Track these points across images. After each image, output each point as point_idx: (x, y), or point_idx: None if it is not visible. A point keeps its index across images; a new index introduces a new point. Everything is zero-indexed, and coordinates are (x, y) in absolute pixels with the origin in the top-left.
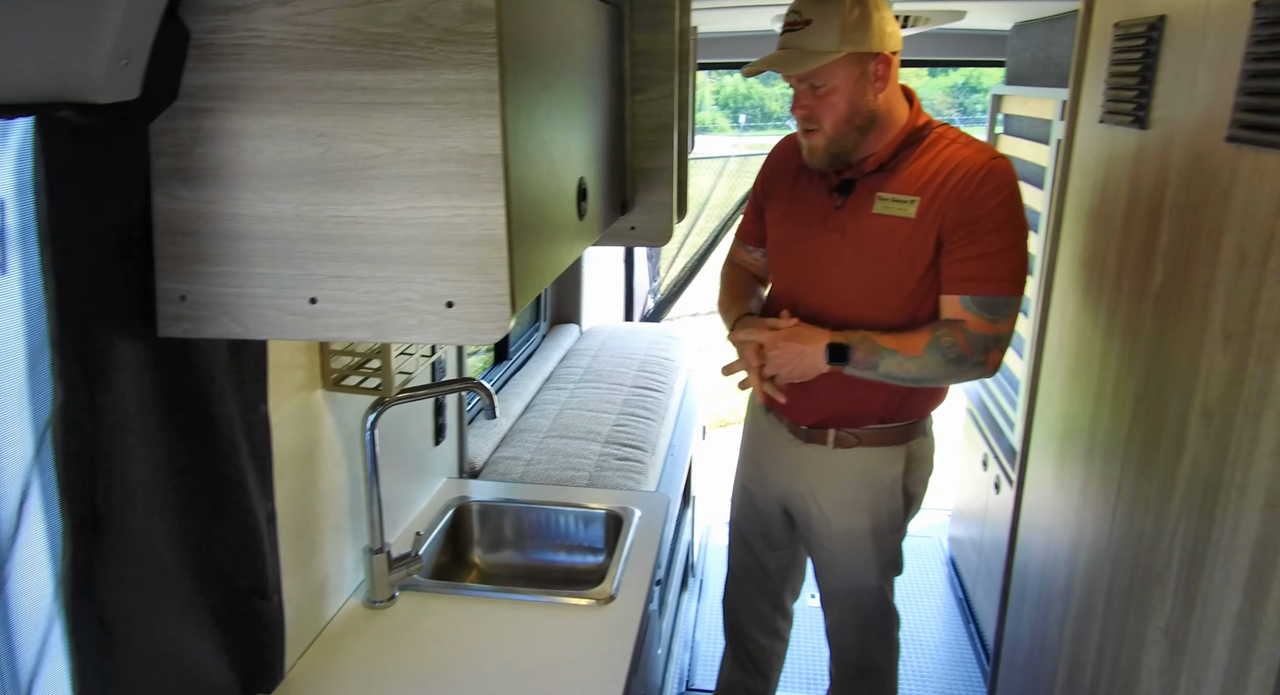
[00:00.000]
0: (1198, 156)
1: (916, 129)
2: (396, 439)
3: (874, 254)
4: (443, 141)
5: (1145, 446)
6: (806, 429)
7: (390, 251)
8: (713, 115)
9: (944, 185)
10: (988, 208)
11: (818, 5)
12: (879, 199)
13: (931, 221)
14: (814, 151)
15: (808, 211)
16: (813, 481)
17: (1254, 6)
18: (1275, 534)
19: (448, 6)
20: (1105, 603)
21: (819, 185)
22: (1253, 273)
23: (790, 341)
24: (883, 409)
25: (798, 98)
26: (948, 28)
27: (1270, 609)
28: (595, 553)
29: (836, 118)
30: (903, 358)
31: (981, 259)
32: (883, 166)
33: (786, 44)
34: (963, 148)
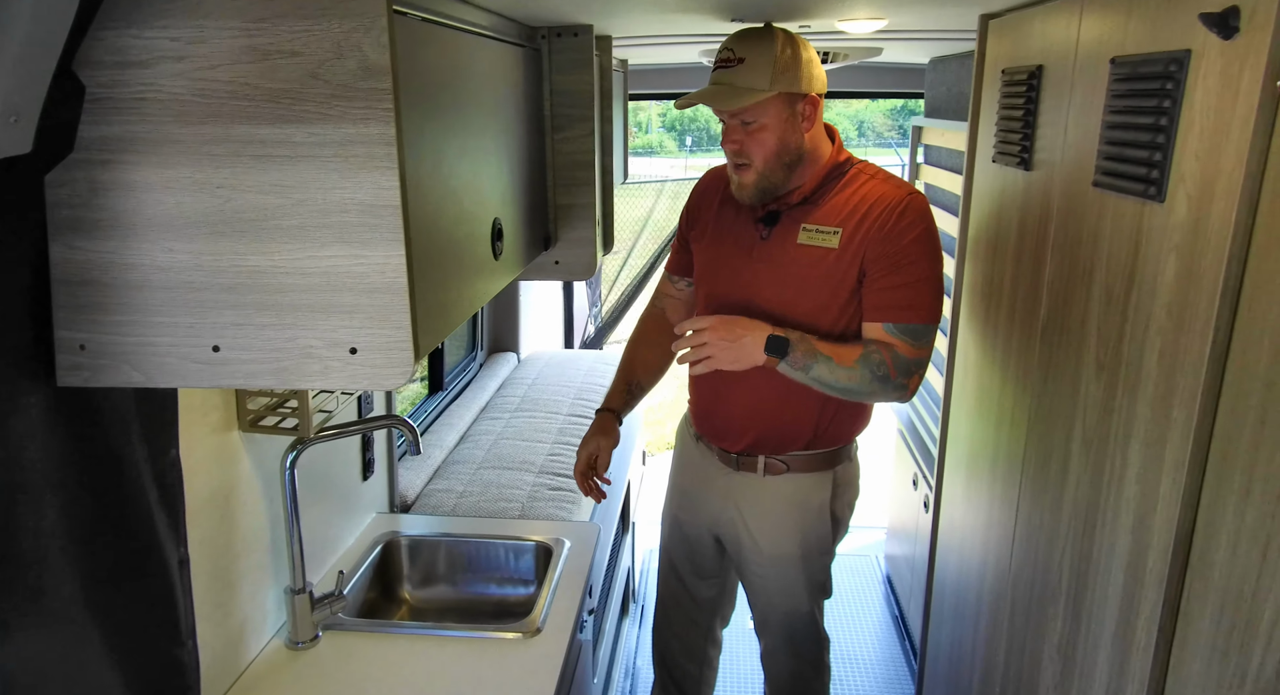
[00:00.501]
0: (1072, 199)
1: (838, 164)
2: (321, 476)
3: (799, 282)
4: (342, 193)
5: (1038, 470)
6: (736, 456)
7: (292, 299)
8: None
9: (865, 218)
10: (907, 240)
11: (751, 45)
12: (803, 230)
13: (855, 252)
14: (743, 187)
15: (734, 243)
16: (744, 508)
17: (1110, 62)
18: (1142, 555)
19: (344, 65)
20: (1009, 620)
21: (745, 217)
22: (1117, 308)
23: (733, 326)
24: (810, 434)
25: (729, 132)
26: (870, 62)
27: (1140, 627)
28: (526, 584)
29: (767, 154)
30: (835, 366)
31: (902, 288)
32: (807, 199)
33: (720, 80)
34: (882, 183)
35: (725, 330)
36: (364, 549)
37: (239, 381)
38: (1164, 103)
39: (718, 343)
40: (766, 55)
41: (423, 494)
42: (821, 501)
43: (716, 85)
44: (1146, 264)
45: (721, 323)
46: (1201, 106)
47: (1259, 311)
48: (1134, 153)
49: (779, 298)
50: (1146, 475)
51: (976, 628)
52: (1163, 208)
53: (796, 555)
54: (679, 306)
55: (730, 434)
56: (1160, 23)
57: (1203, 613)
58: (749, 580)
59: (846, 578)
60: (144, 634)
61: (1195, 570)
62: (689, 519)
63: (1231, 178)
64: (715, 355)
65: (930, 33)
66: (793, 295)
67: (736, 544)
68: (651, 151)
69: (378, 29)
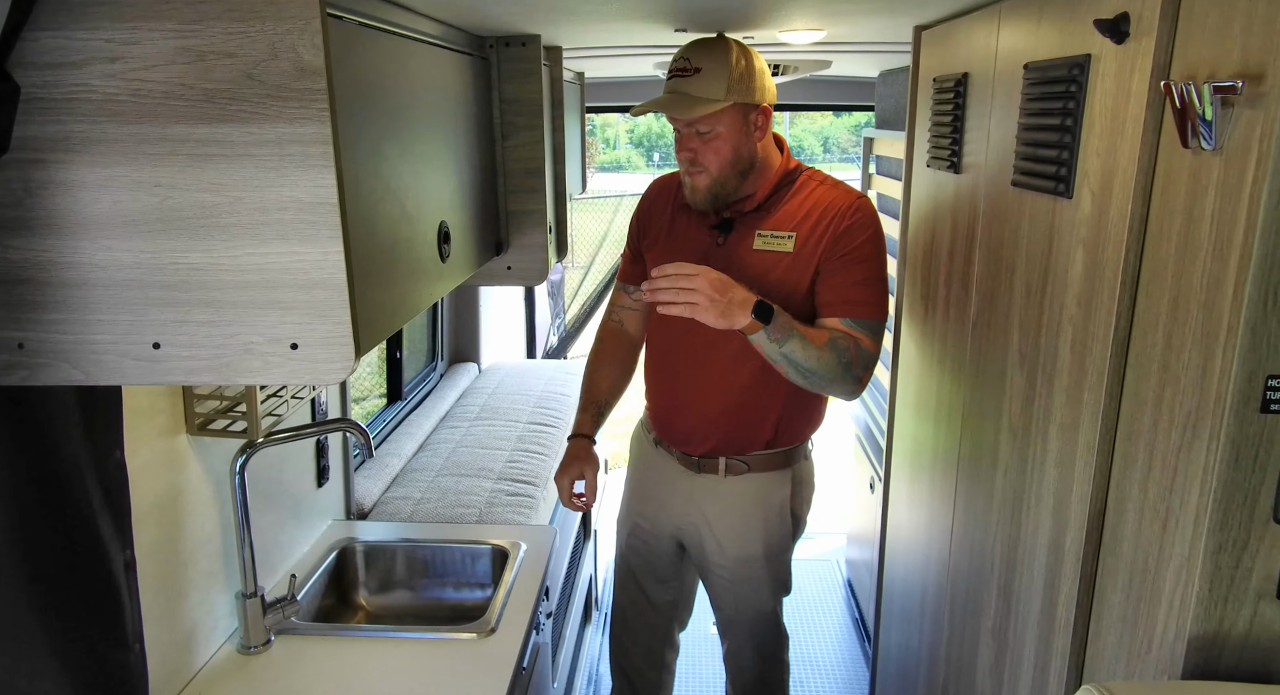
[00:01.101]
0: (995, 199)
1: (789, 172)
2: (274, 483)
3: (756, 286)
4: (280, 191)
5: (972, 461)
6: (698, 459)
7: (231, 296)
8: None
9: (818, 222)
10: (858, 241)
11: (707, 56)
12: (758, 236)
13: (809, 255)
14: (696, 191)
15: (689, 249)
16: (707, 510)
17: (1024, 68)
18: (1062, 535)
19: (278, 65)
20: (950, 609)
21: (699, 225)
22: (1035, 301)
23: (724, 282)
24: (769, 434)
25: (684, 140)
26: (823, 75)
27: (1061, 603)
28: (483, 587)
29: (721, 162)
30: (808, 343)
31: (857, 286)
32: (760, 206)
33: (676, 88)
34: (831, 189)
35: (718, 283)
36: (319, 555)
37: (179, 378)
38: (1069, 105)
39: (708, 292)
40: (723, 66)
41: (380, 502)
42: (782, 500)
43: (673, 94)
44: (1059, 258)
45: (712, 274)
46: (1100, 107)
47: (1154, 298)
48: (1045, 152)
49: None
50: (1064, 458)
51: (922, 621)
52: (1071, 204)
53: (759, 554)
54: (636, 317)
55: (692, 438)
56: (1065, 29)
57: (1115, 586)
58: (712, 582)
59: (808, 582)
60: (89, 637)
61: (1108, 546)
62: (649, 525)
63: (1126, 173)
64: (701, 303)
65: (871, 44)
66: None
67: (699, 546)
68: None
69: (311, 31)
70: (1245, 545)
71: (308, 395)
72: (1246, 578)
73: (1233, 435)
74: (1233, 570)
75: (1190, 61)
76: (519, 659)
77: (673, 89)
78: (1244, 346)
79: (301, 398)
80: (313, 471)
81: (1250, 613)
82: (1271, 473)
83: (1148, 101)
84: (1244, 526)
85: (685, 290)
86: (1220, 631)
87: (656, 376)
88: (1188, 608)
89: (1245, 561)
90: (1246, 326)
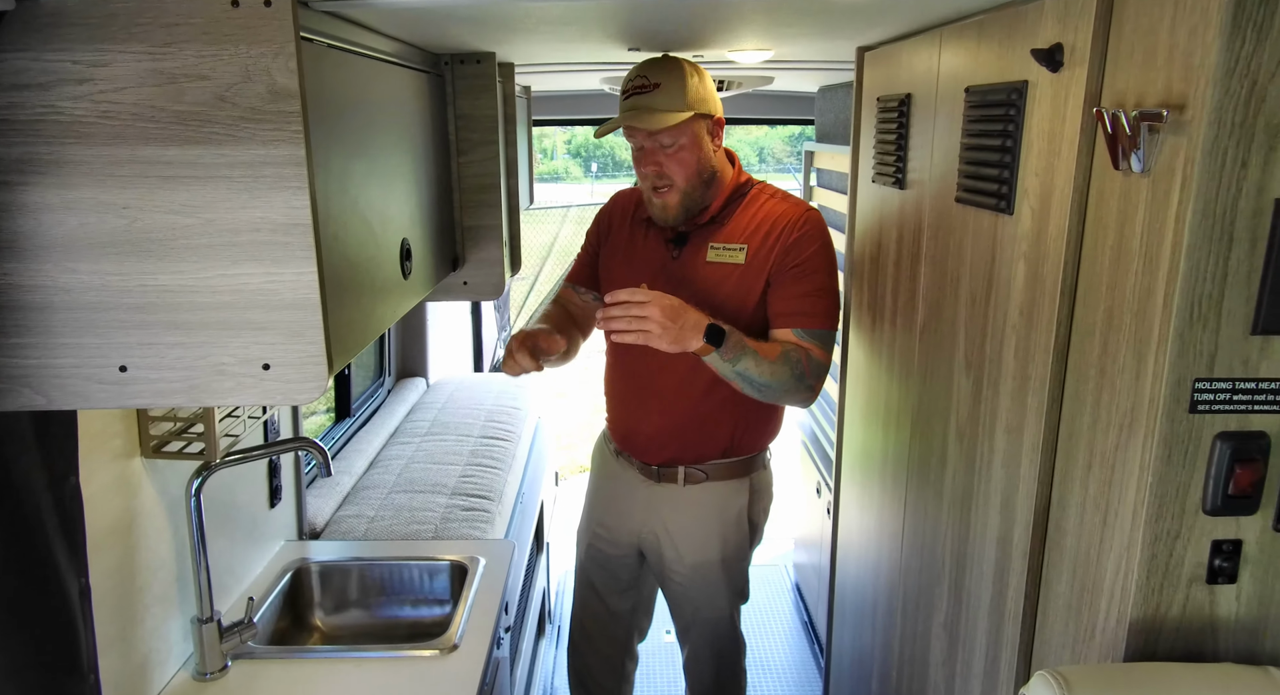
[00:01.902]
0: (939, 214)
1: (740, 185)
2: (227, 505)
3: (710, 297)
4: (252, 212)
5: (921, 464)
6: (657, 468)
7: (202, 317)
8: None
9: (769, 234)
10: (808, 252)
11: (664, 71)
12: (711, 248)
13: (761, 266)
14: (668, 208)
15: (645, 263)
16: (666, 519)
17: (965, 91)
18: (1009, 531)
19: (252, 88)
20: (901, 607)
21: (654, 239)
22: (980, 311)
23: (676, 307)
24: (726, 442)
25: (648, 155)
26: (764, 89)
27: (1010, 596)
28: (441, 604)
29: (688, 173)
30: (760, 359)
31: (807, 297)
32: (713, 219)
33: (639, 105)
34: (781, 202)
35: (670, 310)
36: (273, 577)
37: (147, 401)
38: (1009, 127)
39: (660, 320)
40: (680, 80)
41: (332, 520)
42: (740, 508)
43: (636, 110)
44: (1002, 270)
45: (664, 301)
46: (1038, 130)
47: (1090, 308)
48: (987, 171)
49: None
50: (1010, 459)
51: (875, 620)
52: (1012, 219)
53: (717, 561)
54: (581, 311)
55: (651, 448)
56: (1003, 57)
57: (1060, 578)
58: (671, 590)
59: (757, 588)
60: (44, 666)
61: (1052, 540)
62: (609, 535)
63: (1063, 192)
64: (654, 332)
65: (815, 63)
66: (705, 310)
67: (659, 554)
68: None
69: (286, 54)
70: (1178, 535)
71: (265, 415)
72: (1180, 565)
73: (1165, 434)
74: (1167, 558)
75: (1119, 90)
76: (482, 675)
77: (634, 106)
78: (1173, 352)
79: (258, 417)
80: (265, 492)
81: (1184, 597)
82: (1200, 467)
83: (1081, 126)
84: (1177, 518)
85: (637, 318)
86: (1157, 616)
87: (616, 388)
88: (1128, 594)
89: (1178, 550)
90: (1175, 334)
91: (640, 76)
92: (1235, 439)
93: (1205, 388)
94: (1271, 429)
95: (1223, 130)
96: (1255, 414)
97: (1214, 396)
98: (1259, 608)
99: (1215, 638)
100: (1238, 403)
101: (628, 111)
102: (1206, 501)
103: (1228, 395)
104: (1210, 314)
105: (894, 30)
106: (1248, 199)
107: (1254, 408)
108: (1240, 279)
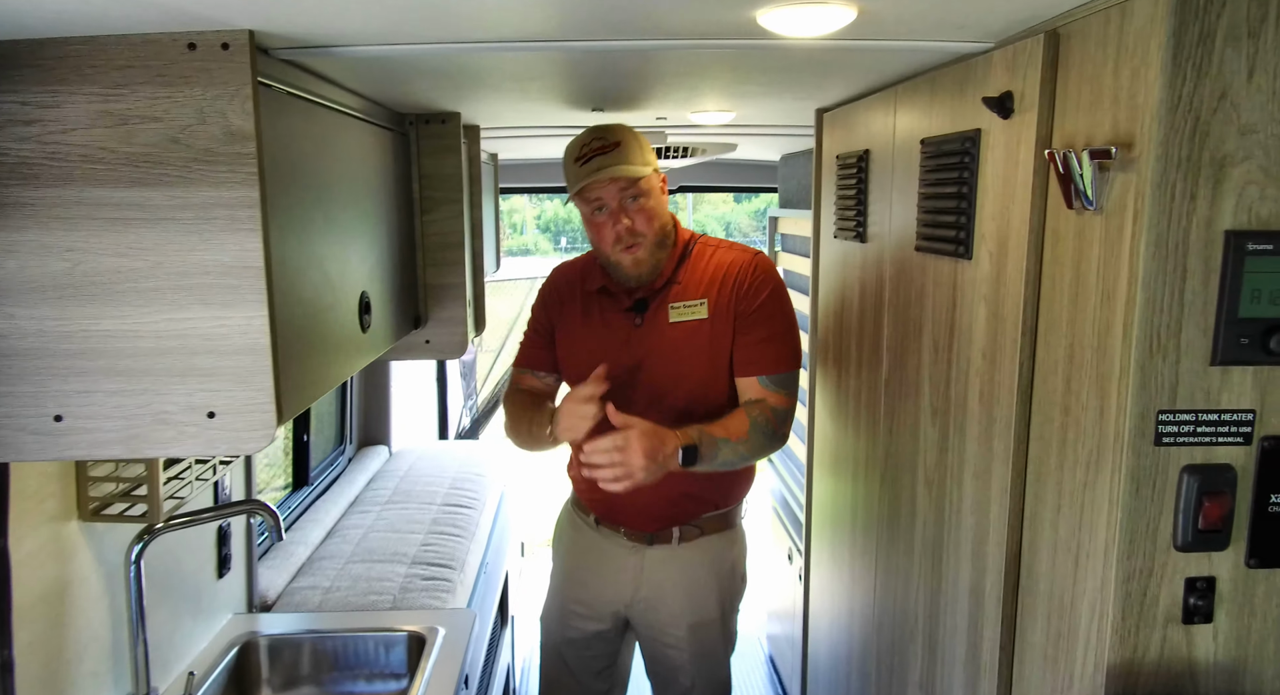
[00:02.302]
0: (900, 264)
1: (687, 243)
2: (171, 573)
3: (681, 357)
4: (202, 255)
5: (891, 517)
6: (650, 534)
7: (145, 364)
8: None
9: (724, 284)
10: (763, 297)
11: (617, 133)
12: (672, 309)
13: (724, 316)
14: (640, 264)
15: (609, 334)
16: (661, 582)
17: (920, 143)
18: (981, 579)
19: (207, 130)
20: (875, 666)
21: (612, 309)
22: (944, 357)
23: (651, 445)
24: (717, 496)
25: (618, 214)
26: (728, 158)
27: (985, 648)
28: (398, 678)
29: (655, 227)
30: (735, 443)
31: (768, 342)
32: (668, 282)
33: (605, 164)
34: (728, 250)
35: (649, 451)
36: (217, 652)
37: (82, 452)
38: (964, 174)
39: (641, 463)
40: (634, 138)
41: (285, 593)
42: (734, 558)
43: (606, 168)
44: (963, 314)
45: (644, 443)
46: (992, 175)
47: (1052, 346)
48: (944, 218)
49: (666, 377)
50: (979, 505)
51: (849, 683)
52: (971, 264)
53: (716, 618)
54: (543, 392)
55: (644, 516)
56: (956, 108)
57: (1035, 626)
58: (667, 656)
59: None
60: None
61: (1025, 587)
62: (588, 610)
63: (1019, 234)
64: (637, 477)
65: (776, 127)
66: (679, 371)
67: (652, 621)
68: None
69: (242, 96)
70: (1151, 572)
71: (216, 477)
72: (1155, 604)
73: (1132, 468)
74: (1141, 597)
75: (1069, 132)
76: None
77: (601, 165)
78: (1135, 385)
79: (207, 479)
80: (213, 561)
81: (1160, 638)
82: (1169, 501)
83: (1034, 169)
84: (1148, 554)
85: (619, 466)
86: (1135, 658)
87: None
88: (1104, 638)
89: (1152, 588)
90: (1136, 366)
91: (598, 139)
92: (1202, 472)
93: (1169, 420)
94: (1236, 461)
95: (1170, 164)
96: (1220, 446)
97: (1178, 429)
98: (1236, 648)
99: (1195, 681)
100: (1201, 434)
101: (600, 169)
102: (1177, 537)
103: (1191, 427)
104: (1170, 345)
105: (851, 90)
106: (1198, 230)
107: (1218, 440)
108: (1196, 310)
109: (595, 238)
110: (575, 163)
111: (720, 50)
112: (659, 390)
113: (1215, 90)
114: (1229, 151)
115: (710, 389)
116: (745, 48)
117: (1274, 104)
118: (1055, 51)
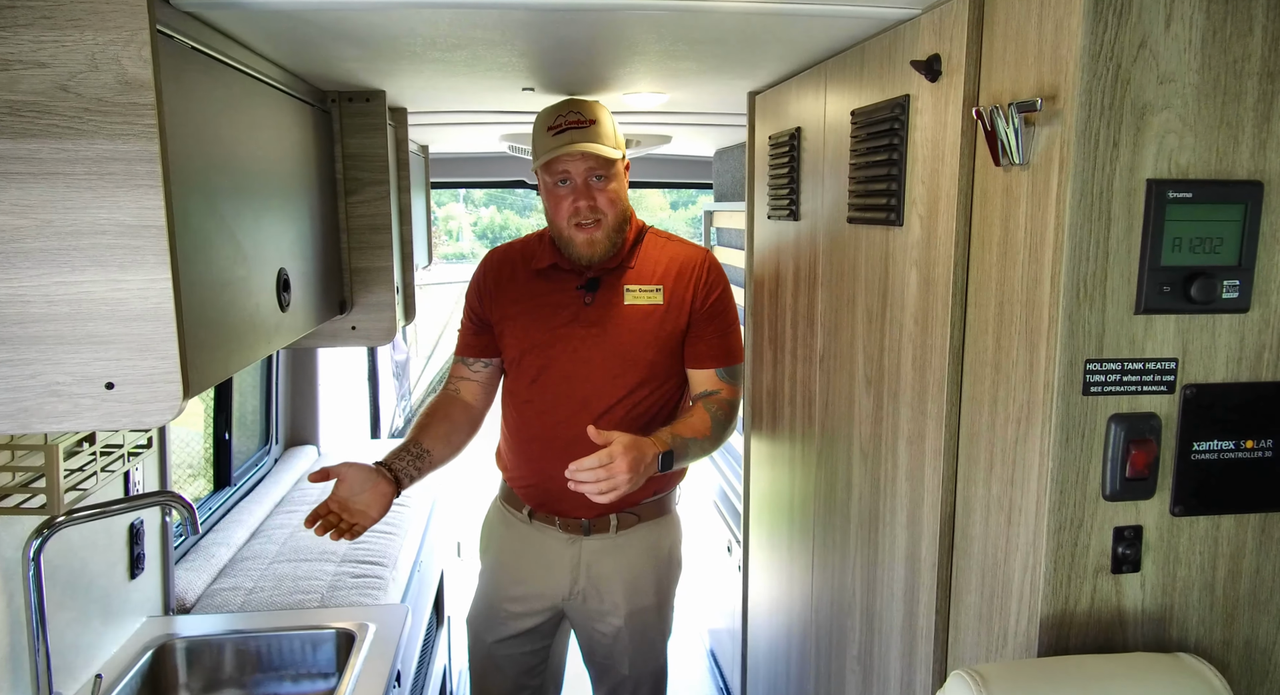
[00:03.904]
0: (833, 238)
1: (641, 229)
2: (77, 573)
3: (632, 339)
4: (97, 213)
5: (827, 493)
6: (588, 522)
7: (34, 331)
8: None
9: (680, 276)
10: (717, 293)
11: (593, 110)
12: (628, 290)
13: (680, 306)
14: (595, 244)
15: (555, 312)
16: (599, 571)
17: (851, 114)
18: (917, 545)
19: (98, 77)
20: (815, 647)
21: (561, 287)
22: (877, 327)
23: (637, 458)
24: (656, 482)
25: (582, 191)
26: (662, 152)
27: (921, 613)
28: (326, 677)
29: (617, 209)
30: (701, 441)
31: (723, 336)
32: (622, 264)
33: (579, 138)
34: (679, 245)
35: (634, 463)
36: (130, 656)
37: None
38: (894, 140)
39: (627, 475)
40: (608, 119)
41: (205, 594)
42: (671, 544)
43: (578, 142)
44: (895, 281)
45: (630, 455)
46: (922, 140)
47: (982, 306)
48: (876, 187)
49: (617, 357)
50: (913, 471)
51: (789, 668)
52: (903, 230)
53: (654, 604)
54: (476, 388)
55: (581, 503)
56: (885, 76)
57: (969, 585)
58: (604, 644)
59: (671, 658)
60: None
61: (959, 549)
62: (521, 606)
63: (949, 196)
64: (623, 488)
65: (710, 115)
66: (630, 352)
67: (590, 611)
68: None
69: (138, 42)
70: (1081, 523)
71: (122, 467)
72: (1085, 554)
73: (1061, 419)
74: (1072, 548)
75: (995, 90)
76: None
77: (573, 140)
78: (1064, 334)
79: (114, 471)
80: (124, 561)
81: (1091, 588)
82: (1098, 450)
83: (962, 130)
84: (1079, 505)
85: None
86: (1066, 610)
87: (528, 450)
88: (1037, 591)
89: (1082, 539)
90: (1064, 315)
91: (574, 112)
92: (1128, 420)
93: (1096, 369)
94: (1160, 409)
95: (1093, 113)
96: (1144, 395)
97: (1105, 378)
98: (1163, 596)
99: (1124, 629)
100: (1128, 383)
101: (570, 143)
102: (1106, 486)
103: (1118, 376)
104: (1096, 294)
105: (782, 70)
106: (1121, 179)
107: (1142, 388)
108: (1121, 259)
109: (552, 210)
110: (548, 131)
111: (648, 12)
112: (600, 371)
113: (1135, 38)
114: (1149, 100)
115: (648, 375)
116: (675, 10)
117: (1190, 53)
118: (980, 11)
